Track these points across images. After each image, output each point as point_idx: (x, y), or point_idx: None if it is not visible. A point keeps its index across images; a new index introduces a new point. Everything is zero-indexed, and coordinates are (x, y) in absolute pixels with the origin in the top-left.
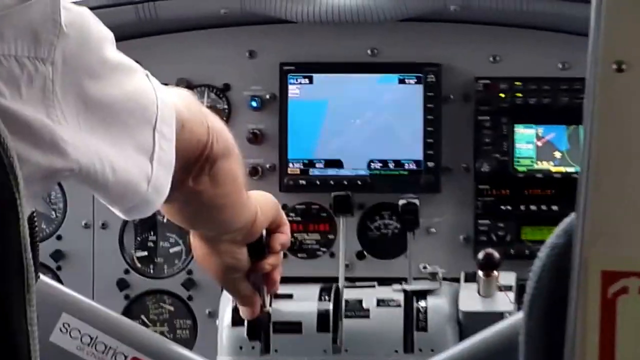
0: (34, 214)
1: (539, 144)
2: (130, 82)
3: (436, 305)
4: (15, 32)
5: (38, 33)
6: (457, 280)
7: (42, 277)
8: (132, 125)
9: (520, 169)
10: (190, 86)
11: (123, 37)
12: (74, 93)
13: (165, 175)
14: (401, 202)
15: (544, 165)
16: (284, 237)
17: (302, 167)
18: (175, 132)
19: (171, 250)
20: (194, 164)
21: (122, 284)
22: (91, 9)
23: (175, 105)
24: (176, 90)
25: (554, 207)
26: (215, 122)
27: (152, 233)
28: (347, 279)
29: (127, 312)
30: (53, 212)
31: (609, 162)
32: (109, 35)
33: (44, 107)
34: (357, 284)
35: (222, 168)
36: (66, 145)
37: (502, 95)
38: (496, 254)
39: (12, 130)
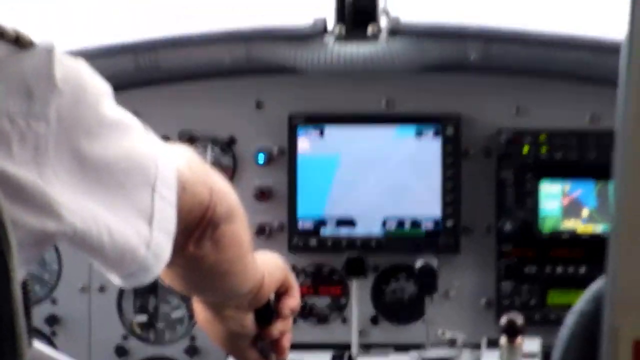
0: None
1: (566, 201)
2: (128, 140)
3: None
4: (7, 87)
5: (31, 89)
6: (478, 346)
7: (36, 343)
8: (130, 187)
9: (545, 228)
10: (193, 139)
11: (121, 86)
12: (68, 152)
13: (165, 240)
14: (418, 264)
15: (571, 224)
16: (293, 301)
17: (312, 226)
18: (176, 194)
19: (173, 315)
20: (196, 227)
21: (121, 351)
22: (88, 56)
23: (177, 165)
24: (177, 148)
25: (582, 270)
26: (219, 183)
27: (152, 296)
28: (360, 345)
29: None
30: (47, 274)
31: None
32: (106, 89)
33: (37, 166)
34: (372, 351)
35: (226, 232)
36: (60, 207)
37: (526, 149)
38: (519, 319)
39: (2, 190)
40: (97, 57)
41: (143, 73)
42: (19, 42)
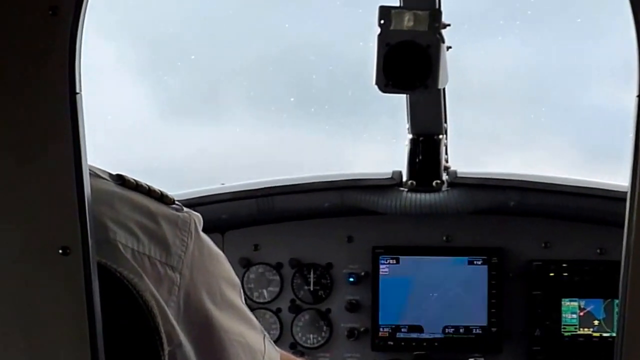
0: None
1: (581, 314)
2: (245, 328)
3: None
4: (151, 235)
5: (169, 246)
6: None
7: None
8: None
9: (566, 334)
10: (300, 264)
11: (245, 224)
12: (194, 306)
13: None
14: None
15: (585, 331)
16: None
17: (390, 331)
18: None
19: None
20: None
21: None
22: (217, 202)
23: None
24: (285, 355)
25: None
26: None
27: None
28: None
29: None
30: None
31: None
32: (236, 281)
33: (165, 305)
34: None
35: None
36: (176, 330)
37: (552, 274)
38: None
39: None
40: (226, 202)
41: (262, 214)
42: (164, 199)
